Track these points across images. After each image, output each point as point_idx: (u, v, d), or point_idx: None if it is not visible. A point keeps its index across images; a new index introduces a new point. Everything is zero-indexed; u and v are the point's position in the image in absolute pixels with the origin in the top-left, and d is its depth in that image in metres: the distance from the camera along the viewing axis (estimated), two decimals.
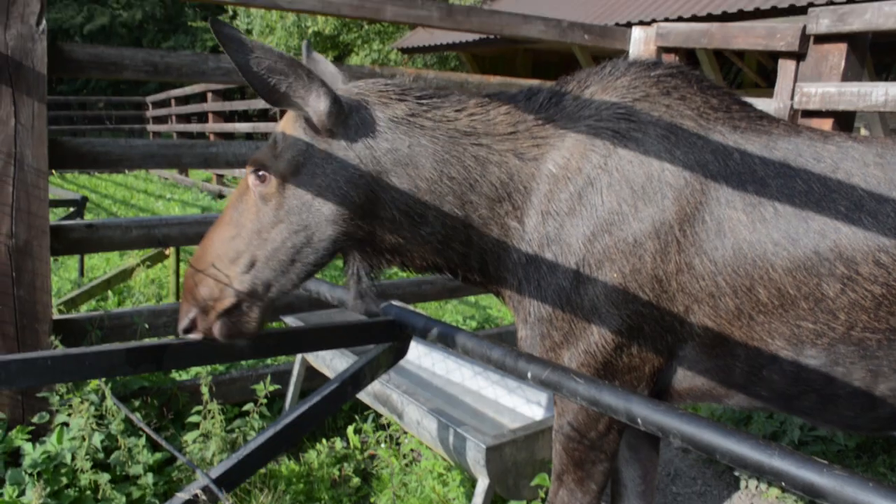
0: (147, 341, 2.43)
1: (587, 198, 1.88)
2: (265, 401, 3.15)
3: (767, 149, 1.85)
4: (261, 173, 1.86)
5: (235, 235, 1.92)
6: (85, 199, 6.92)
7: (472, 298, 6.34)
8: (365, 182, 1.88)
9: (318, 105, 1.82)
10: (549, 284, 1.92)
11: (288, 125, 1.93)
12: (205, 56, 3.36)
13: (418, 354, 3.71)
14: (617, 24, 10.34)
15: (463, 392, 3.42)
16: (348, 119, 1.87)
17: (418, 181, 1.91)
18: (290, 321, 3.58)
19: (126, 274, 5.03)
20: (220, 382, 3.58)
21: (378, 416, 3.66)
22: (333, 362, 3.29)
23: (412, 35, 17.73)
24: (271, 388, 3.10)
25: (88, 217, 8.62)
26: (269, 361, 4.19)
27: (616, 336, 1.88)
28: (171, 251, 5.24)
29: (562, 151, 1.94)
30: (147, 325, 3.40)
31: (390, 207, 1.91)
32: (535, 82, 3.98)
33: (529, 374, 1.54)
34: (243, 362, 3.99)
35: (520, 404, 3.26)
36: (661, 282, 1.83)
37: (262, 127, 12.29)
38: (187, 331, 1.93)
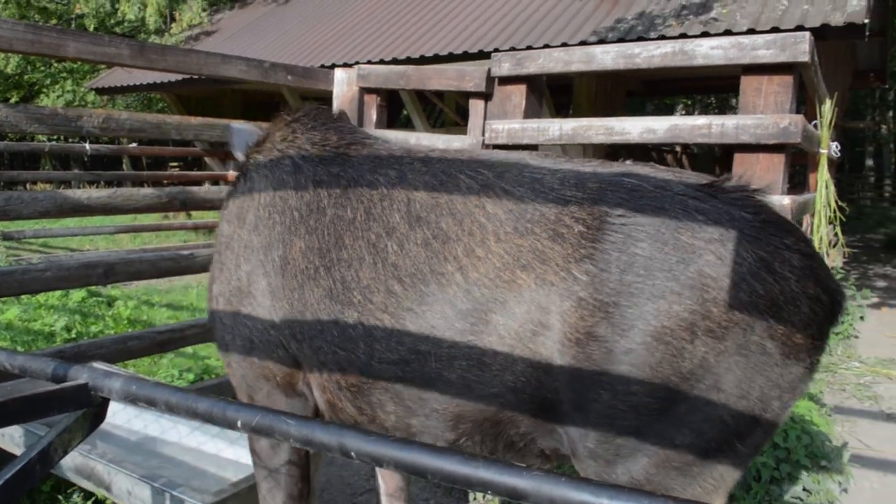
0: None
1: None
2: None
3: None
4: None
5: None
6: None
7: (189, 349, 5.93)
8: None
9: None
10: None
11: None
12: None
13: (128, 417, 3.39)
14: (322, 66, 10.55)
15: (181, 451, 3.16)
16: None
17: None
18: None
19: None
20: None
21: (87, 493, 3.26)
22: (24, 440, 2.88)
23: (109, 74, 16.57)
24: None
25: None
26: None
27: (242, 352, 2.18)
28: None
29: None
30: None
31: None
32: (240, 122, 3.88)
33: (239, 423, 1.45)
34: None
35: (243, 455, 3.09)
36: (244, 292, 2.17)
37: None
38: None
